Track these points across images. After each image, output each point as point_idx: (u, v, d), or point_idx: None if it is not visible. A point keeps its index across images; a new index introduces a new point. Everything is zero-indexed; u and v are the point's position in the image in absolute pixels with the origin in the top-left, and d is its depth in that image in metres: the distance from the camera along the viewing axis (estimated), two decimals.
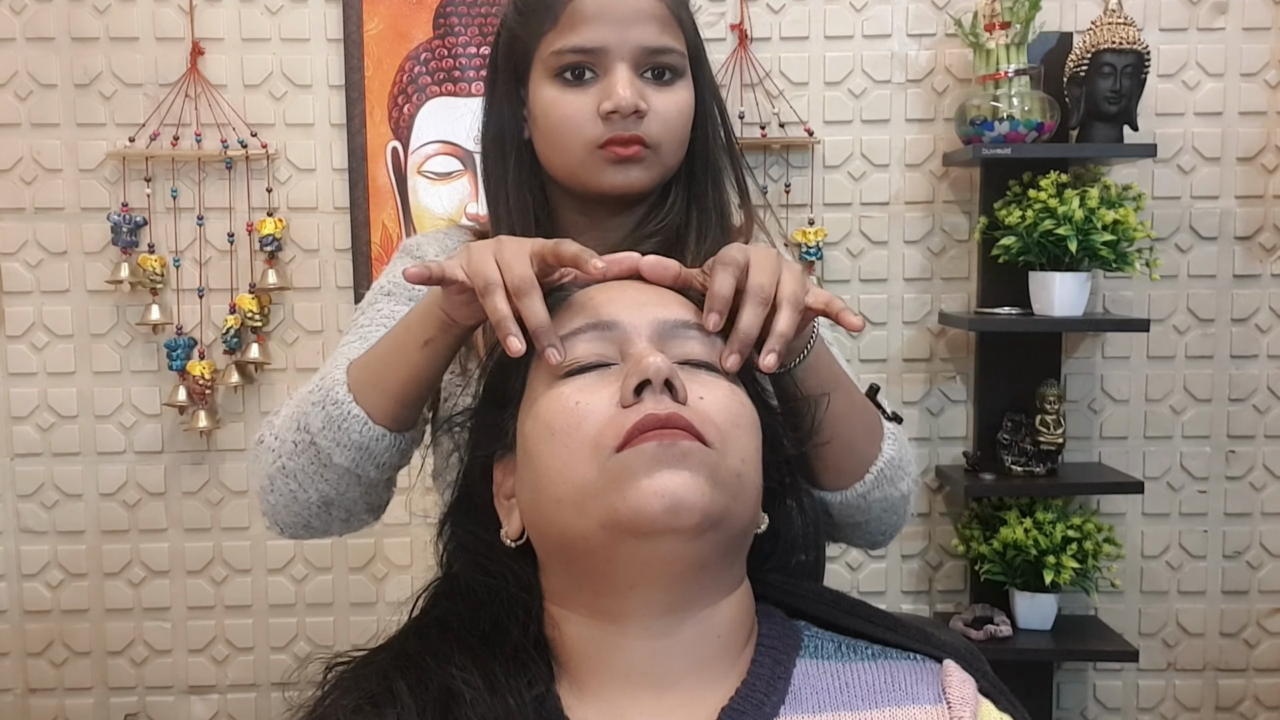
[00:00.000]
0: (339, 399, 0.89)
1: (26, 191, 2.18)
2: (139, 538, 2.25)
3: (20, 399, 2.21)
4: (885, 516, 0.99)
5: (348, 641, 2.23)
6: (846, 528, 0.99)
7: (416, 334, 0.85)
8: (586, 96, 1.00)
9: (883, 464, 0.95)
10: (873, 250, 2.24)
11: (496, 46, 1.08)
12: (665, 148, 1.02)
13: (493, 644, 0.73)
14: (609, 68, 1.00)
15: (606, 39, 0.99)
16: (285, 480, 0.94)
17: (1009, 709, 0.75)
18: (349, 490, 0.93)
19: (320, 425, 0.90)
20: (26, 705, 2.26)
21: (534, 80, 1.03)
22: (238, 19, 2.17)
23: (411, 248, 1.13)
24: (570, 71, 1.00)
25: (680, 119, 1.03)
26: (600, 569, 0.70)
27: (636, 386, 0.70)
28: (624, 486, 0.67)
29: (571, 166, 1.03)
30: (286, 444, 0.93)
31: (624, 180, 1.01)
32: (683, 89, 1.03)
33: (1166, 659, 2.32)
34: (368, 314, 1.07)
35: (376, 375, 0.89)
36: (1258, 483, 2.29)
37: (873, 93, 2.22)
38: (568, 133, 1.01)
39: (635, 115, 0.99)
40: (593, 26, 0.99)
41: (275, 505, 0.96)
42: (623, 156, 1.00)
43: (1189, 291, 2.26)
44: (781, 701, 0.71)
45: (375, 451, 0.90)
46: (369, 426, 0.89)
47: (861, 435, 0.94)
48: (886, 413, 0.98)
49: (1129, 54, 2.04)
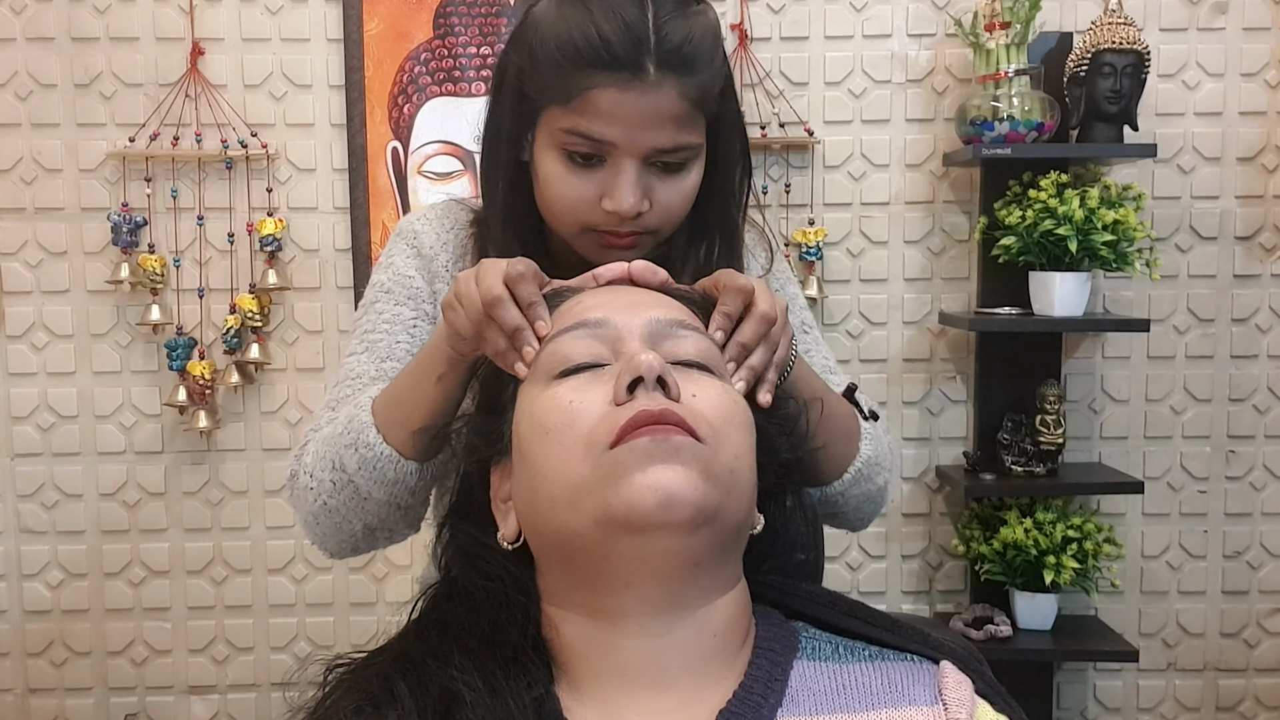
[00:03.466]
0: (370, 442, 0.93)
1: (27, 191, 2.18)
2: (139, 538, 2.25)
3: (20, 399, 2.21)
4: (863, 508, 1.06)
5: (348, 642, 2.24)
6: (824, 517, 1.08)
7: (429, 371, 0.89)
8: (589, 183, 0.96)
9: (860, 464, 1.01)
10: (873, 250, 2.24)
11: (504, 70, 1.01)
12: (663, 231, 1.01)
13: (492, 646, 0.73)
14: (618, 162, 0.95)
15: (617, 138, 0.94)
16: (329, 516, 0.98)
17: (1006, 710, 0.75)
18: (390, 517, 0.98)
19: (356, 466, 0.94)
20: (27, 705, 2.27)
21: (540, 136, 0.99)
22: (238, 19, 2.17)
23: (408, 233, 1.11)
24: (577, 154, 0.96)
25: (684, 204, 1.00)
26: (595, 566, 0.71)
27: (630, 384, 0.71)
28: (617, 482, 0.68)
29: (565, 234, 1.01)
30: (325, 484, 0.97)
31: (615, 258, 0.96)
32: (692, 172, 0.99)
33: (1166, 659, 2.32)
34: (369, 316, 1.08)
35: (400, 414, 0.92)
36: (1258, 483, 2.29)
37: (873, 93, 2.22)
38: (565, 210, 0.98)
39: (636, 216, 0.97)
40: (604, 121, 0.93)
41: (323, 536, 1.01)
42: (616, 245, 0.98)
43: (1189, 291, 2.26)
44: (779, 703, 0.71)
45: (411, 484, 0.95)
46: (401, 464, 0.93)
47: (839, 441, 0.99)
48: (864, 412, 1.02)
49: (1129, 54, 2.04)
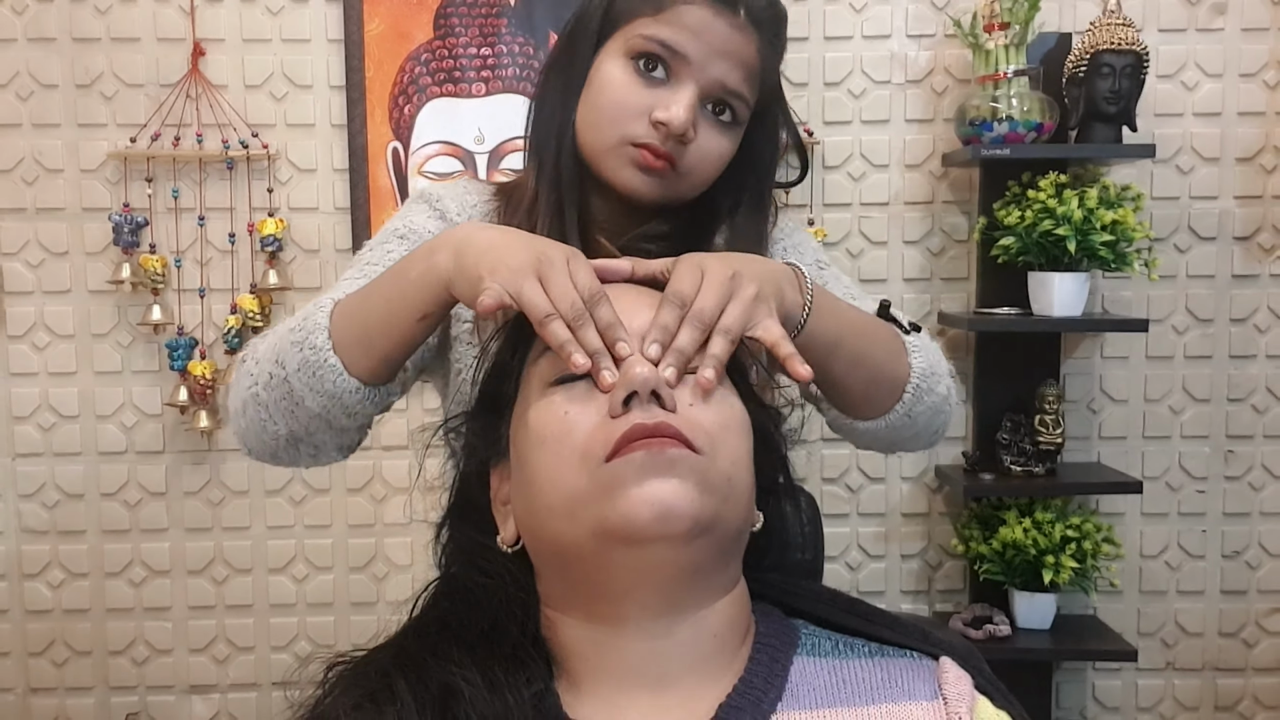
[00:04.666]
0: (317, 345, 0.88)
1: (28, 192, 2.19)
2: (140, 537, 2.26)
3: (21, 399, 2.22)
4: (934, 420, 1.03)
5: (348, 641, 2.24)
6: (901, 442, 1.04)
7: (414, 306, 0.84)
8: (646, 94, 0.98)
9: (916, 379, 0.98)
10: (872, 250, 2.25)
11: (587, 9, 1.04)
12: (687, 179, 1.02)
13: (491, 643, 0.73)
14: (681, 80, 0.98)
15: (693, 54, 0.97)
16: (257, 409, 0.94)
17: (1005, 706, 0.75)
18: (318, 432, 0.94)
19: (295, 366, 0.89)
20: (28, 705, 2.27)
21: (608, 48, 1.01)
22: (238, 19, 2.18)
23: (430, 196, 1.10)
24: (645, 60, 0.99)
25: (714, 162, 1.02)
26: (593, 576, 0.71)
27: (625, 398, 0.71)
28: (614, 495, 0.68)
29: (597, 146, 1.01)
30: (263, 374, 0.93)
31: (636, 183, 1.00)
32: (731, 137, 1.02)
33: (1165, 659, 2.32)
34: (375, 253, 1.04)
35: (364, 333, 0.88)
36: (1256, 482, 2.29)
37: (872, 93, 2.23)
38: (611, 118, 1.00)
39: (680, 138, 0.98)
40: (688, 35, 0.97)
41: (245, 430, 0.97)
42: (647, 164, 0.99)
43: (1188, 291, 2.26)
44: (779, 698, 0.71)
45: (348, 402, 0.90)
46: (344, 378, 0.89)
47: (886, 364, 0.97)
48: (904, 326, 1.00)
49: (1128, 54, 2.05)
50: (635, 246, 0.99)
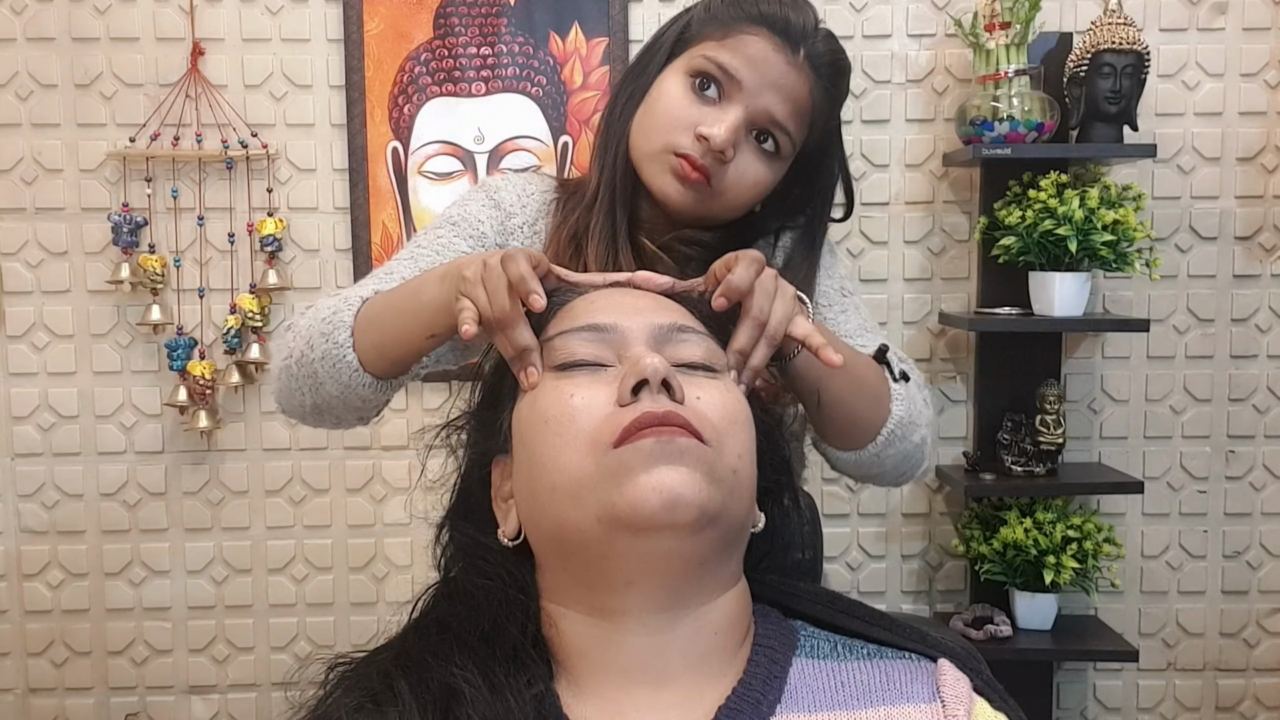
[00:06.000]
0: (339, 341, 0.97)
1: (27, 192, 2.18)
2: (139, 538, 2.25)
3: (21, 399, 2.22)
4: (901, 466, 1.08)
5: (348, 641, 2.24)
6: (868, 478, 1.10)
7: (425, 324, 0.91)
8: (696, 110, 1.05)
9: (893, 425, 1.02)
10: (873, 250, 2.24)
11: (670, 24, 1.12)
12: (720, 198, 1.07)
13: (492, 644, 0.73)
14: (731, 102, 1.05)
15: (747, 80, 1.04)
16: (288, 379, 1.03)
17: (1004, 708, 0.75)
18: (337, 407, 1.03)
19: (320, 354, 0.98)
20: (27, 705, 2.27)
21: (673, 65, 1.09)
22: (238, 19, 2.18)
23: (490, 187, 1.17)
24: (702, 79, 1.06)
25: (749, 187, 1.08)
26: (596, 565, 0.71)
27: (634, 386, 0.71)
28: (621, 482, 0.68)
29: (644, 150, 1.08)
30: (296, 351, 1.01)
31: (671, 191, 1.06)
32: (770, 167, 1.08)
33: (1166, 659, 2.32)
34: (429, 237, 1.12)
35: (380, 340, 0.96)
36: (1257, 483, 2.29)
37: (873, 93, 2.22)
38: (660, 126, 1.07)
39: (719, 155, 1.04)
40: (744, 62, 1.04)
41: (279, 392, 1.06)
42: (684, 174, 1.05)
43: (1189, 291, 2.26)
44: (778, 700, 0.71)
45: (363, 393, 0.99)
46: (359, 374, 0.97)
47: (867, 407, 1.01)
48: (894, 374, 1.04)
49: (1129, 54, 2.04)
50: (674, 247, 1.08)
